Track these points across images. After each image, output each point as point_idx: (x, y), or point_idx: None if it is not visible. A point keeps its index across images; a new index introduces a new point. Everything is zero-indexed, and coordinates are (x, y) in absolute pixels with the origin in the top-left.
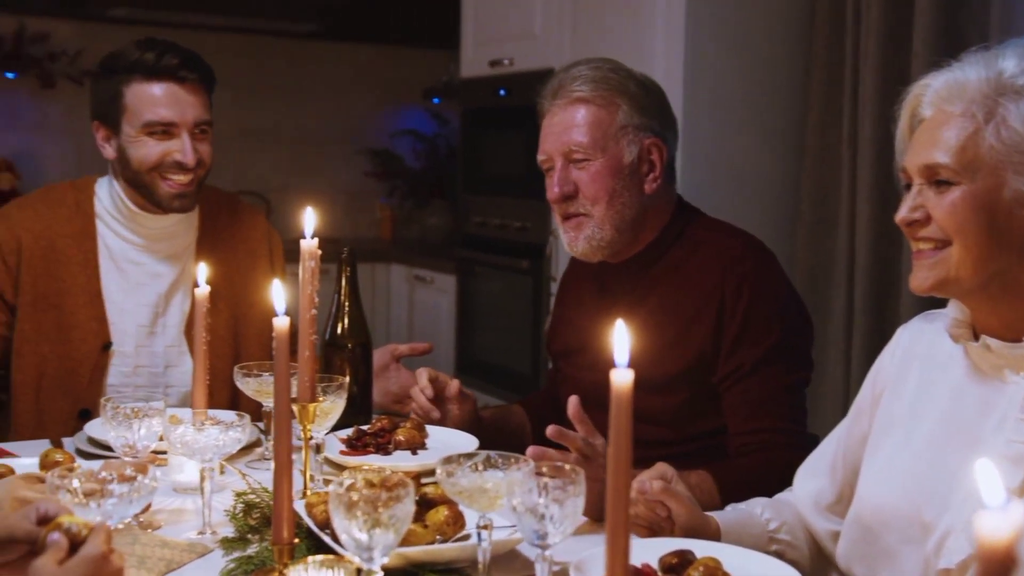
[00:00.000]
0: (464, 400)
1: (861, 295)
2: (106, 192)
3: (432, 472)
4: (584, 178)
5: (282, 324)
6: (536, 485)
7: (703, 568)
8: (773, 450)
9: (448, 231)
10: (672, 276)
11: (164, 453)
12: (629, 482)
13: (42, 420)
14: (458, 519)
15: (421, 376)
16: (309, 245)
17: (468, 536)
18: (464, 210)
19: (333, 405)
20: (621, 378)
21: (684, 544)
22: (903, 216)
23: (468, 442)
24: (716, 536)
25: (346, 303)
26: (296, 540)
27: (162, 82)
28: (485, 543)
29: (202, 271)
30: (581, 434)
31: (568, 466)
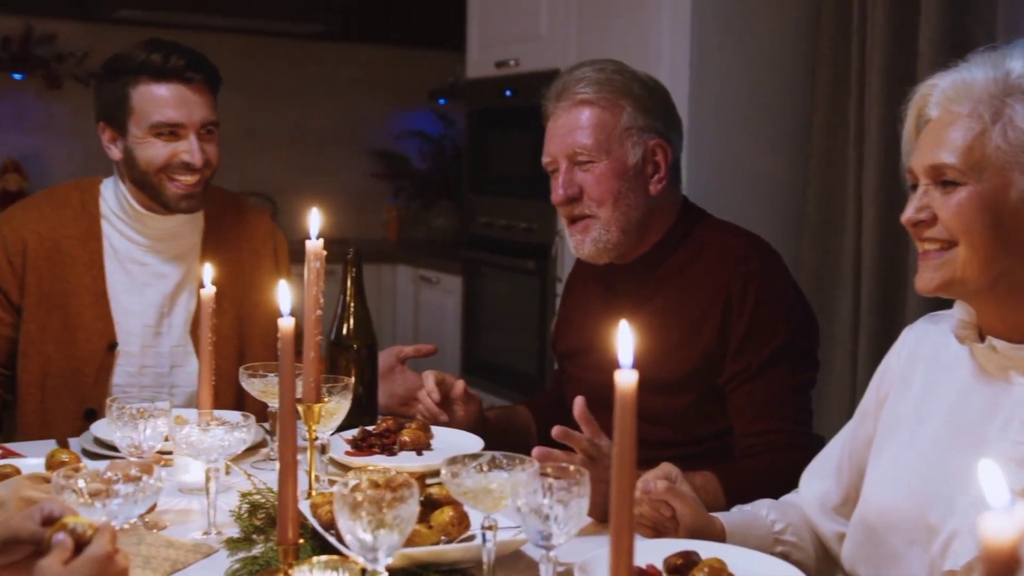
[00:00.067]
0: (469, 401)
1: (867, 296)
2: (111, 193)
3: (437, 473)
4: (589, 180)
5: (287, 325)
6: (541, 486)
7: (708, 569)
8: (779, 451)
9: (454, 232)
10: (678, 277)
11: (169, 453)
12: (633, 483)
13: (47, 420)
14: (463, 520)
15: (428, 380)
16: (314, 246)
17: (473, 537)
18: (470, 211)
19: (338, 406)
20: (625, 379)
21: (689, 545)
22: (909, 216)
23: (473, 443)
24: (721, 537)
25: (352, 304)
26: (301, 540)
27: (169, 83)
28: (490, 544)
29: (208, 272)
30: (586, 435)
31: (572, 467)
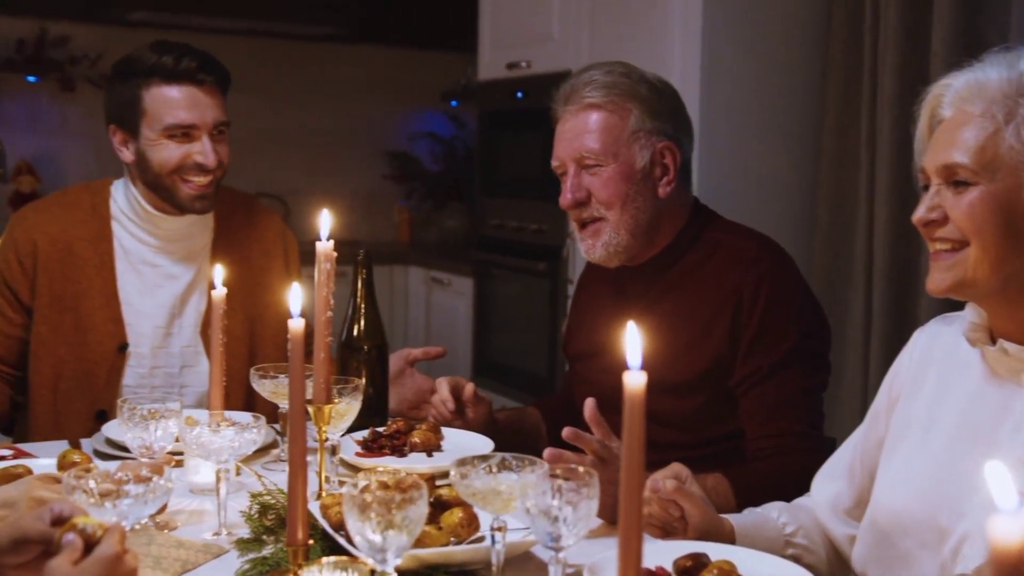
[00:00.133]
0: (479, 403)
1: (879, 298)
2: (122, 194)
3: (447, 474)
4: (596, 184)
5: (297, 326)
6: (550, 487)
7: (717, 571)
8: (790, 454)
9: (465, 233)
10: (689, 279)
11: (180, 454)
12: (642, 485)
13: (59, 421)
14: (472, 521)
15: (442, 388)
16: (325, 247)
17: (482, 538)
18: (481, 212)
19: (348, 407)
20: (634, 380)
21: (698, 547)
22: (920, 216)
23: (483, 444)
24: (730, 538)
25: (362, 305)
26: (311, 541)
27: (181, 85)
28: (499, 545)
29: (219, 273)
30: (597, 436)
31: (582, 468)
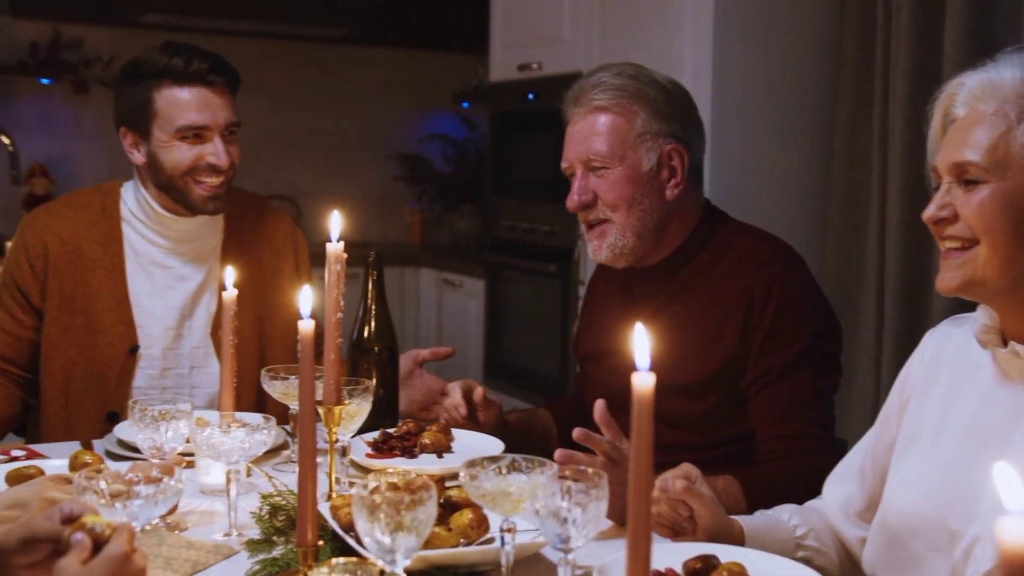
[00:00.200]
0: (489, 406)
1: (891, 299)
2: (132, 196)
3: (457, 475)
4: (603, 186)
5: (307, 327)
6: (559, 489)
7: (727, 573)
8: (801, 456)
9: (477, 235)
10: (700, 280)
11: (191, 455)
12: (651, 486)
13: (70, 423)
14: (482, 522)
15: (454, 392)
16: (335, 248)
17: (492, 539)
18: (493, 214)
19: (359, 408)
20: (642, 381)
21: (708, 549)
22: (930, 214)
23: (494, 445)
24: (740, 540)
25: (373, 307)
26: (320, 542)
27: (192, 87)
28: (508, 546)
29: (230, 275)
30: (607, 438)
31: (591, 470)
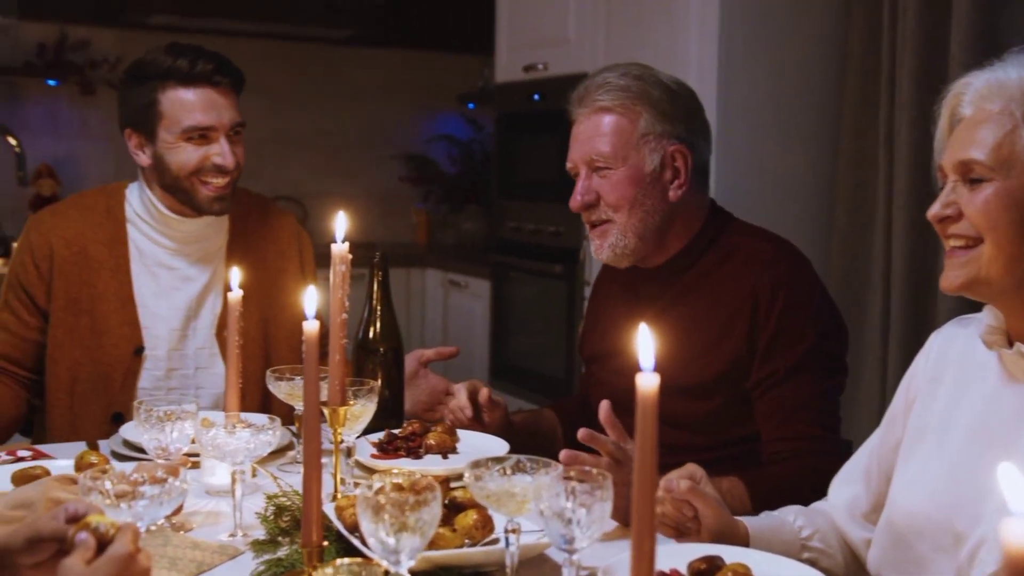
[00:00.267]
0: (495, 407)
1: (897, 300)
2: (136, 197)
3: (462, 476)
4: (605, 186)
5: (311, 328)
6: (563, 489)
7: (732, 574)
8: (806, 457)
9: (483, 236)
10: (705, 281)
11: (197, 456)
12: (655, 487)
13: (75, 424)
14: (487, 523)
15: (460, 394)
16: (340, 249)
17: (497, 540)
18: (498, 215)
19: (363, 409)
20: (647, 382)
21: (713, 550)
22: (935, 212)
23: (499, 446)
24: (745, 541)
25: (378, 307)
26: (325, 543)
27: (197, 88)
28: (513, 547)
29: (235, 276)
30: (612, 438)
31: (596, 470)
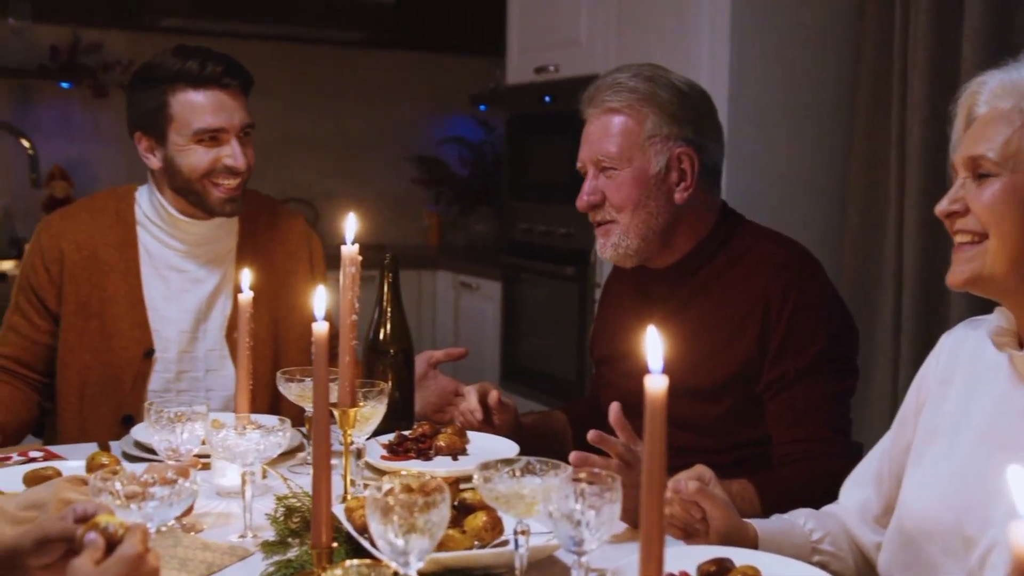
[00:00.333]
0: (504, 409)
1: (909, 302)
2: (146, 199)
3: (471, 478)
4: (611, 187)
5: (321, 329)
6: (572, 491)
7: None
8: (817, 460)
9: (494, 238)
10: (716, 284)
11: (208, 457)
12: (663, 489)
13: (85, 427)
14: (496, 525)
15: (470, 396)
16: (350, 251)
17: (506, 542)
18: (510, 217)
19: (373, 410)
20: (655, 384)
21: (723, 552)
22: (942, 208)
23: (509, 448)
24: (754, 543)
25: (388, 309)
26: (335, 544)
27: (207, 90)
28: (522, 549)
29: (246, 277)
30: (621, 440)
31: (605, 472)
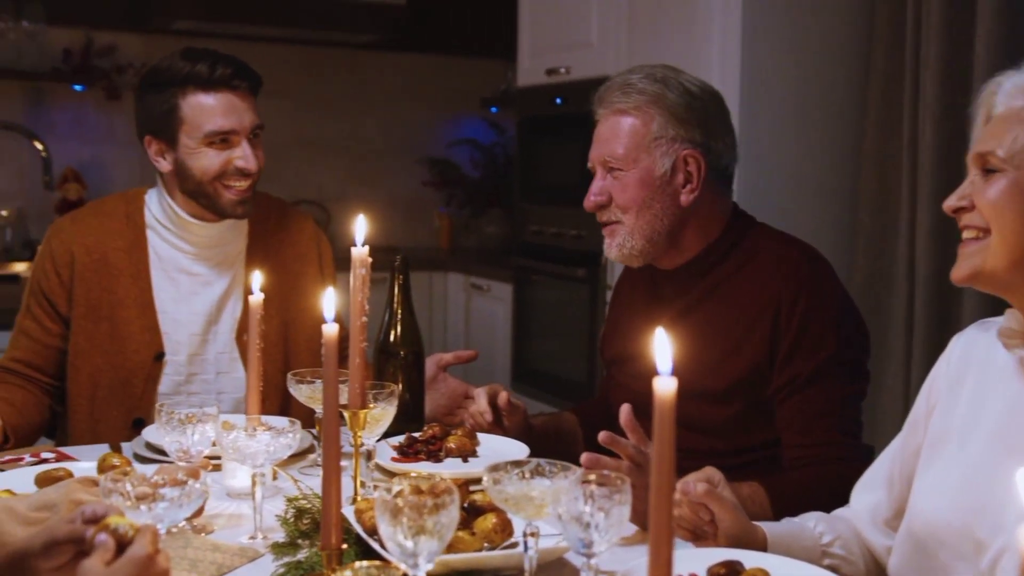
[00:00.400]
0: (514, 411)
1: (921, 304)
2: (156, 202)
3: (481, 480)
4: (617, 188)
5: (331, 331)
6: (582, 493)
7: None
8: (827, 464)
9: (505, 239)
10: (726, 285)
11: (218, 458)
12: (673, 491)
13: (96, 430)
14: (506, 527)
15: (480, 398)
16: (360, 253)
17: (516, 544)
18: (521, 218)
19: (384, 412)
20: (664, 386)
21: (733, 554)
22: (951, 203)
23: (519, 450)
24: (763, 546)
25: (399, 311)
26: (345, 546)
27: (217, 92)
28: (531, 551)
29: (256, 279)
30: (632, 441)
31: (614, 474)
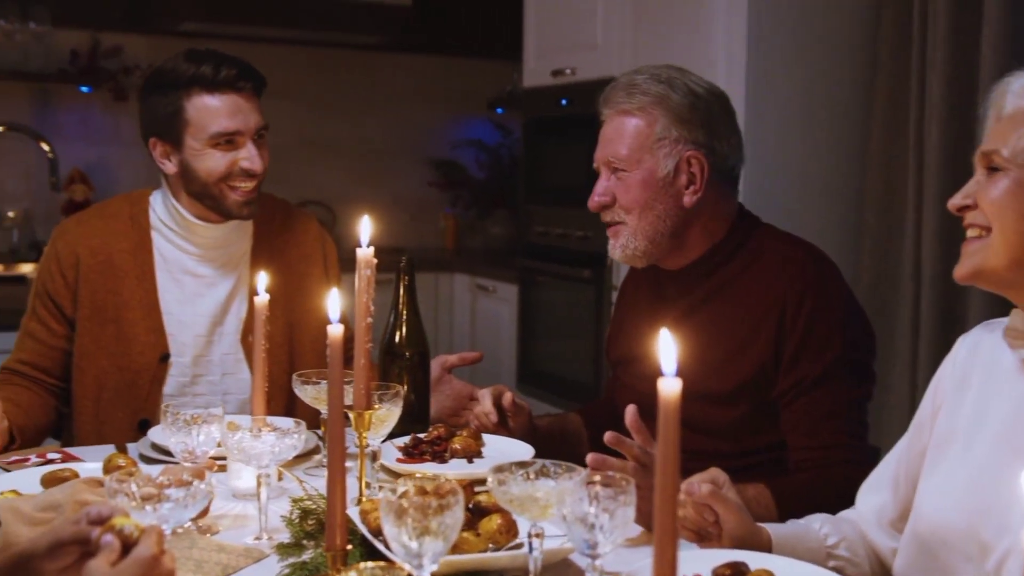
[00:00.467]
0: (519, 412)
1: (927, 305)
2: (160, 204)
3: (486, 481)
4: (620, 188)
5: (336, 332)
6: (586, 494)
7: None
8: (833, 466)
9: (510, 240)
10: (731, 286)
11: (224, 459)
12: (677, 493)
13: (102, 431)
14: (511, 528)
15: (485, 400)
16: (364, 253)
17: (521, 545)
18: (526, 220)
19: (389, 413)
20: (668, 387)
21: (738, 556)
22: (955, 202)
23: (524, 451)
24: (767, 547)
25: (404, 312)
26: (350, 547)
27: (222, 94)
28: (536, 552)
29: (262, 280)
30: (638, 442)
31: (619, 475)
